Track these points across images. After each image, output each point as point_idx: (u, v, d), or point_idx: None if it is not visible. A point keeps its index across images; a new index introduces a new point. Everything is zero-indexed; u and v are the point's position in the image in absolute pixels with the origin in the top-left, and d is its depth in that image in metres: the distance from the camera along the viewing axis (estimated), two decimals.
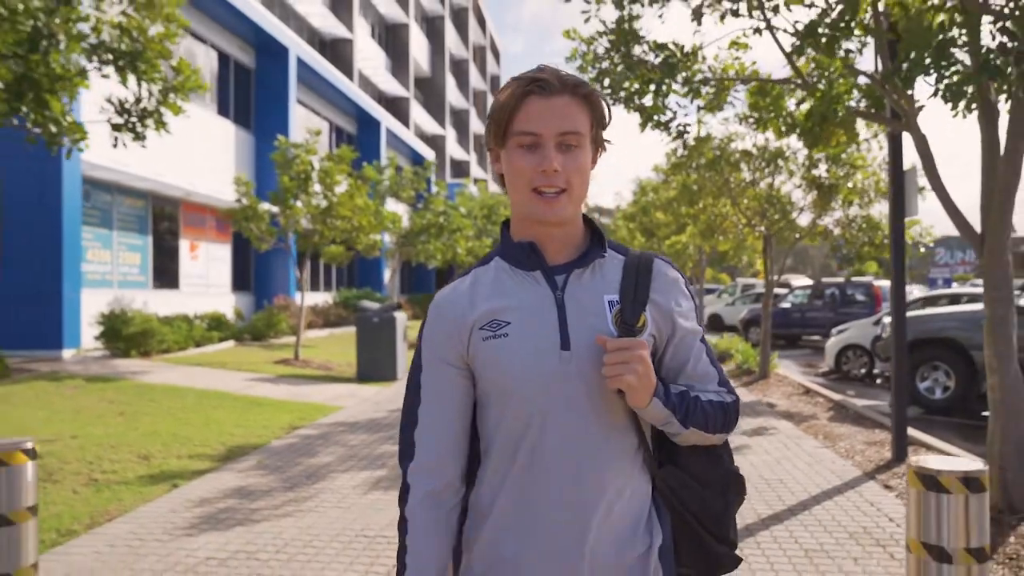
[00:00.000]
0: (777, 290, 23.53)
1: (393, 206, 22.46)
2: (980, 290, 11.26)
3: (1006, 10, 4.20)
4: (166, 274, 16.12)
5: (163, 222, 16.09)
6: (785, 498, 5.13)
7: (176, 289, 16.37)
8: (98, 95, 6.12)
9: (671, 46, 5.81)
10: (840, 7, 3.76)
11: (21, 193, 11.45)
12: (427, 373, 1.33)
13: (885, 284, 18.28)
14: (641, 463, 1.32)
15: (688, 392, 1.29)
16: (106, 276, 13.90)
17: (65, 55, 5.23)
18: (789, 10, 4.35)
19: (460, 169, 50.28)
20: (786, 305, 20.32)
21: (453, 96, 47.21)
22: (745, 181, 11.15)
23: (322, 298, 23.05)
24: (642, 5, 4.97)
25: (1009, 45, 3.92)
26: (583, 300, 1.29)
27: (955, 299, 12.33)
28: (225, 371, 11.14)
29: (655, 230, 20.92)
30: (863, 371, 12.30)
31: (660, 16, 5.08)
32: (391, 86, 35.55)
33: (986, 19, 4.11)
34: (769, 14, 4.84)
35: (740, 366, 12.78)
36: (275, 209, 13.23)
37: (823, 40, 4.12)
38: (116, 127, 5.98)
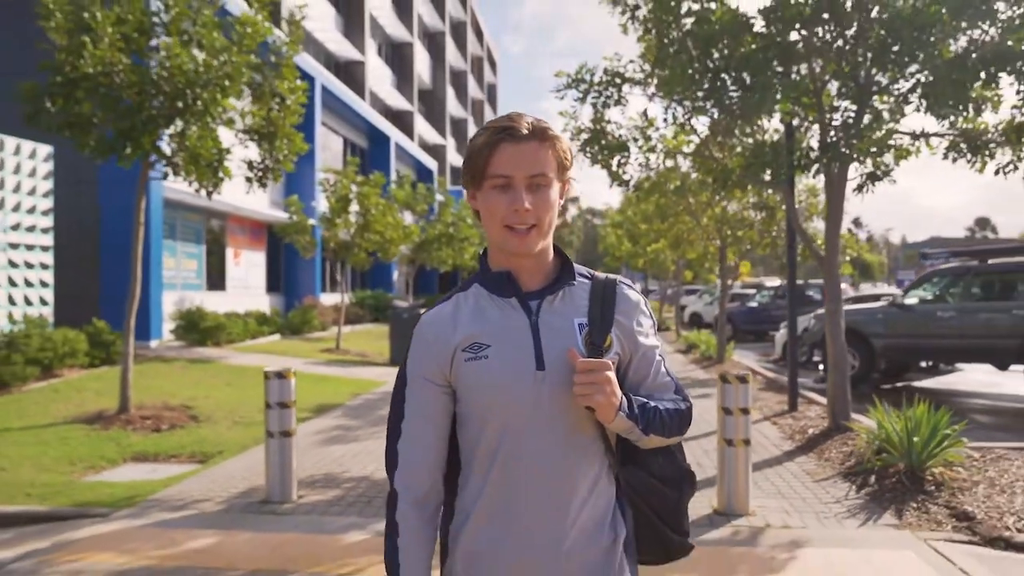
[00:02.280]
0: (748, 291, 26.32)
1: (407, 218, 25.12)
2: (898, 291, 13.97)
3: (835, 119, 6.89)
4: (216, 277, 18.75)
5: (213, 234, 18.72)
6: (704, 428, 7.77)
7: (224, 291, 18.98)
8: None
9: (635, 116, 8.45)
10: (722, 126, 6.39)
11: (116, 213, 14.05)
12: (411, 390, 1.47)
13: None
14: (607, 467, 1.46)
15: (648, 404, 1.43)
16: (172, 280, 16.50)
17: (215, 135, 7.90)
18: (697, 119, 7.02)
19: (458, 175, 52.92)
20: (753, 304, 23.05)
21: (453, 106, 49.90)
22: (704, 203, 13.83)
23: (339, 299, 25.66)
24: (608, 107, 7.64)
25: (833, 139, 6.57)
26: (555, 324, 1.43)
27: (876, 298, 15.03)
28: (285, 356, 13.78)
29: (639, 238, 23.58)
30: (804, 358, 14.96)
31: (622, 112, 7.62)
32: (397, 101, 38.17)
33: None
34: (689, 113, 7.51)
35: (703, 353, 15.48)
36: (315, 223, 15.86)
37: (717, 139, 6.79)
38: (248, 179, 8.64)
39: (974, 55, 5.36)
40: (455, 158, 51.21)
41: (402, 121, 38.71)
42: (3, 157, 10.40)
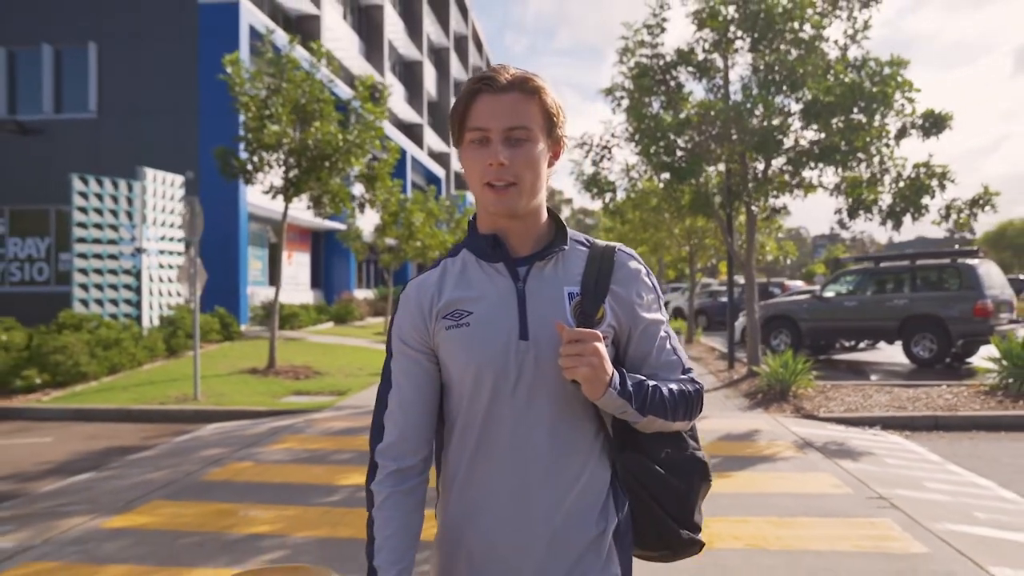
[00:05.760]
0: (722, 287, 30.19)
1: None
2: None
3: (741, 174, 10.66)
4: (275, 275, 22.46)
5: (274, 238, 22.44)
6: None
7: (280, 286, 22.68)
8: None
9: (621, 162, 12.28)
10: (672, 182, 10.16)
11: (212, 225, 17.71)
12: (396, 360, 1.40)
13: (794, 283, 24.89)
14: (600, 449, 1.35)
15: (645, 382, 1.31)
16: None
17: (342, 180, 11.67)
18: (661, 173, 10.77)
19: (461, 181, 56.71)
20: (725, 300, 26.94)
21: None
22: (675, 218, 17.63)
23: (366, 294, 29.40)
24: (602, 161, 11.40)
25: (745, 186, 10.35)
26: (543, 292, 1.34)
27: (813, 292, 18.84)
28: (351, 337, 17.52)
29: (627, 243, 27.48)
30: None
31: (612, 161, 11.46)
32: (409, 115, 41.87)
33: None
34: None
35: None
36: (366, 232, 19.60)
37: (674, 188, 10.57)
38: (352, 208, 12.39)
39: (817, 149, 9.22)
40: (458, 164, 54.80)
41: (413, 133, 42.39)
42: (154, 186, 14.09)
